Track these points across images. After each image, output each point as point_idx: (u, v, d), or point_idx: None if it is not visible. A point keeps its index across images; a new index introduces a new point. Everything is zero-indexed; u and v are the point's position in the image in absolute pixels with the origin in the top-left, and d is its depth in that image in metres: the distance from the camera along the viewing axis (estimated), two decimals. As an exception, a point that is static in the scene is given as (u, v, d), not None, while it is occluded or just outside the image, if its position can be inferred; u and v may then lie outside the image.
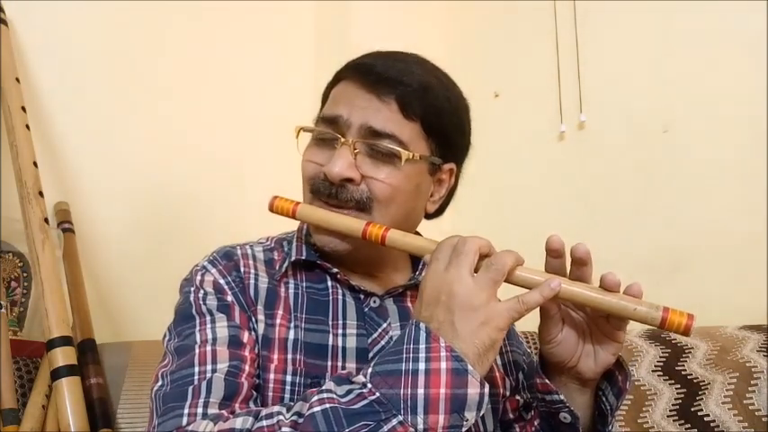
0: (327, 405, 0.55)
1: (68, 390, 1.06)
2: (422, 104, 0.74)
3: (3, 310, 1.16)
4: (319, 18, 1.93)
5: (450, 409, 0.55)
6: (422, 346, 0.57)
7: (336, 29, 1.90)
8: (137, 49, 1.57)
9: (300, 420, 0.56)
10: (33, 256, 1.17)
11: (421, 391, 0.55)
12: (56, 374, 1.08)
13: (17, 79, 1.32)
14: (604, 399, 0.71)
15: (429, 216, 0.84)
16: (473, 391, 0.56)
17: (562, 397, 0.69)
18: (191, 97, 1.64)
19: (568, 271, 0.66)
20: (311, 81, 1.85)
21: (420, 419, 0.54)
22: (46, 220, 1.23)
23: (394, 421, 0.54)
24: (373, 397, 0.55)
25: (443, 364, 0.56)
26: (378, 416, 0.54)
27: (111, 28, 1.53)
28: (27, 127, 1.29)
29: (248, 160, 1.72)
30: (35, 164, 1.27)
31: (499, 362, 0.84)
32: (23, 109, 1.30)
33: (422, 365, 0.56)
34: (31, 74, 1.41)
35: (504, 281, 0.62)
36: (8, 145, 1.28)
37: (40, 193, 1.24)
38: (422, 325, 0.58)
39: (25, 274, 1.32)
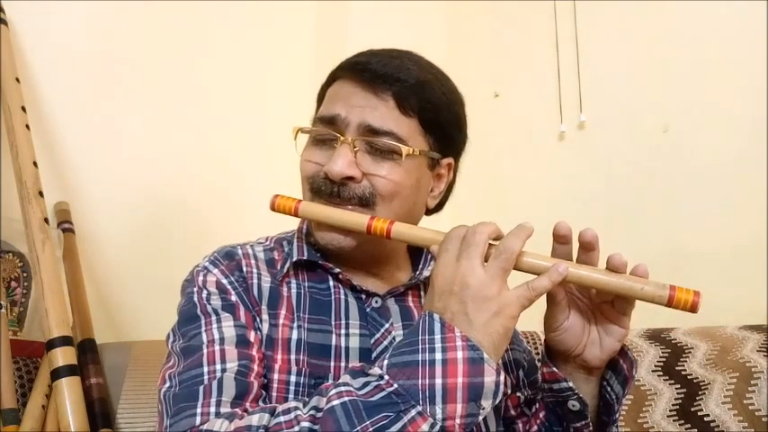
0: (346, 398, 0.55)
1: (68, 390, 1.06)
2: (419, 100, 0.74)
3: (3, 310, 1.16)
4: (319, 18, 1.93)
5: (467, 397, 0.55)
6: (437, 337, 0.57)
7: (336, 29, 1.90)
8: (137, 50, 1.57)
9: (319, 414, 0.56)
10: (33, 256, 1.17)
11: (439, 381, 0.55)
12: (56, 374, 1.07)
13: (17, 79, 1.32)
14: (609, 388, 0.72)
15: (429, 212, 0.84)
16: (489, 379, 0.56)
17: (570, 384, 0.69)
18: (191, 97, 1.64)
19: (575, 256, 0.66)
20: (311, 81, 1.84)
21: (438, 409, 0.54)
22: (46, 220, 1.22)
23: (413, 412, 0.54)
24: (391, 388, 0.55)
25: (460, 354, 0.56)
26: (397, 407, 0.54)
27: (112, 28, 1.53)
28: (27, 127, 1.29)
29: (248, 160, 1.72)
30: (35, 164, 1.27)
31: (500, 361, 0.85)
32: (23, 109, 1.30)
33: (438, 355, 0.56)
34: (31, 74, 1.41)
35: (513, 269, 0.62)
36: (8, 145, 1.28)
37: (40, 193, 1.24)
38: (436, 316, 0.59)
39: (25, 274, 1.31)
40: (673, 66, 1.57)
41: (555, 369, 0.70)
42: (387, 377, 0.56)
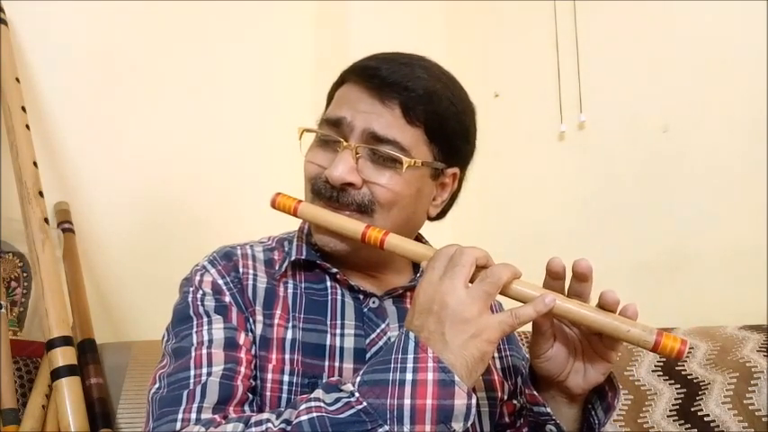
0: (315, 414, 0.56)
1: (68, 390, 1.06)
2: (426, 110, 0.74)
3: (3, 310, 1.16)
4: (319, 18, 1.93)
5: (436, 419, 0.55)
6: (410, 356, 0.57)
7: (336, 29, 1.90)
8: (137, 50, 1.57)
9: (288, 428, 0.56)
10: (33, 256, 1.17)
11: (407, 401, 0.55)
12: (56, 374, 1.08)
13: (17, 79, 1.32)
14: (593, 413, 0.72)
15: (431, 219, 0.84)
16: (460, 402, 0.56)
17: (548, 410, 0.69)
18: (191, 97, 1.64)
19: (568, 285, 0.66)
20: (311, 81, 1.85)
21: (406, 429, 0.54)
22: (46, 220, 1.23)
23: (380, 431, 0.54)
24: (360, 406, 0.55)
25: (430, 375, 0.56)
26: (364, 425, 0.55)
27: (112, 28, 1.53)
28: (27, 127, 1.29)
29: (248, 160, 1.72)
30: (35, 164, 1.27)
31: (498, 365, 0.84)
32: (23, 109, 1.30)
33: (409, 376, 0.56)
34: (31, 74, 1.41)
35: (499, 293, 0.62)
36: (8, 145, 1.28)
37: (40, 193, 1.24)
38: (411, 335, 0.59)
39: (25, 274, 1.32)
40: (673, 66, 1.57)
41: (535, 393, 0.70)
42: (357, 395, 0.56)
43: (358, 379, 0.58)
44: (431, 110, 0.74)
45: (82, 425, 1.05)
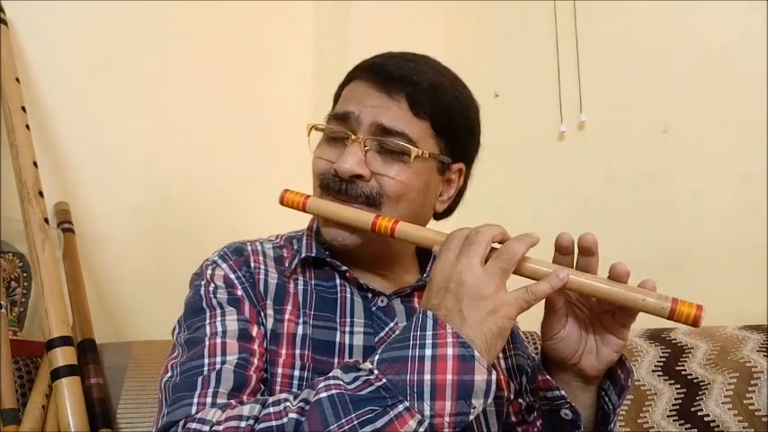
0: (334, 391, 0.56)
1: (68, 390, 1.06)
2: (432, 103, 0.75)
3: (3, 310, 1.16)
4: (319, 18, 1.93)
5: (456, 395, 0.55)
6: (429, 333, 0.57)
7: (336, 29, 1.90)
8: (137, 49, 1.57)
9: (307, 407, 0.56)
10: (33, 256, 1.17)
11: (427, 377, 0.55)
12: (56, 374, 1.08)
13: (17, 79, 1.32)
14: (607, 398, 0.71)
15: (438, 216, 0.84)
16: (480, 377, 0.56)
17: (563, 392, 0.69)
18: (190, 96, 1.64)
19: (575, 262, 0.66)
20: (311, 80, 1.85)
21: (426, 405, 0.54)
22: (46, 220, 1.22)
23: (400, 407, 0.54)
24: (380, 383, 0.55)
25: (450, 351, 0.56)
26: (384, 402, 0.54)
27: (112, 28, 1.53)
28: (27, 127, 1.29)
29: (248, 160, 1.72)
30: (35, 164, 1.27)
31: (503, 365, 0.85)
32: (23, 109, 1.30)
33: (428, 351, 0.56)
34: (31, 74, 1.41)
35: (513, 272, 0.62)
36: (8, 145, 1.28)
37: (40, 193, 1.24)
38: (429, 312, 0.59)
39: (25, 274, 1.32)
40: (673, 66, 1.57)
41: (549, 377, 0.69)
42: (376, 372, 0.56)
43: (376, 357, 0.58)
44: (436, 103, 0.75)
45: (82, 425, 1.04)
